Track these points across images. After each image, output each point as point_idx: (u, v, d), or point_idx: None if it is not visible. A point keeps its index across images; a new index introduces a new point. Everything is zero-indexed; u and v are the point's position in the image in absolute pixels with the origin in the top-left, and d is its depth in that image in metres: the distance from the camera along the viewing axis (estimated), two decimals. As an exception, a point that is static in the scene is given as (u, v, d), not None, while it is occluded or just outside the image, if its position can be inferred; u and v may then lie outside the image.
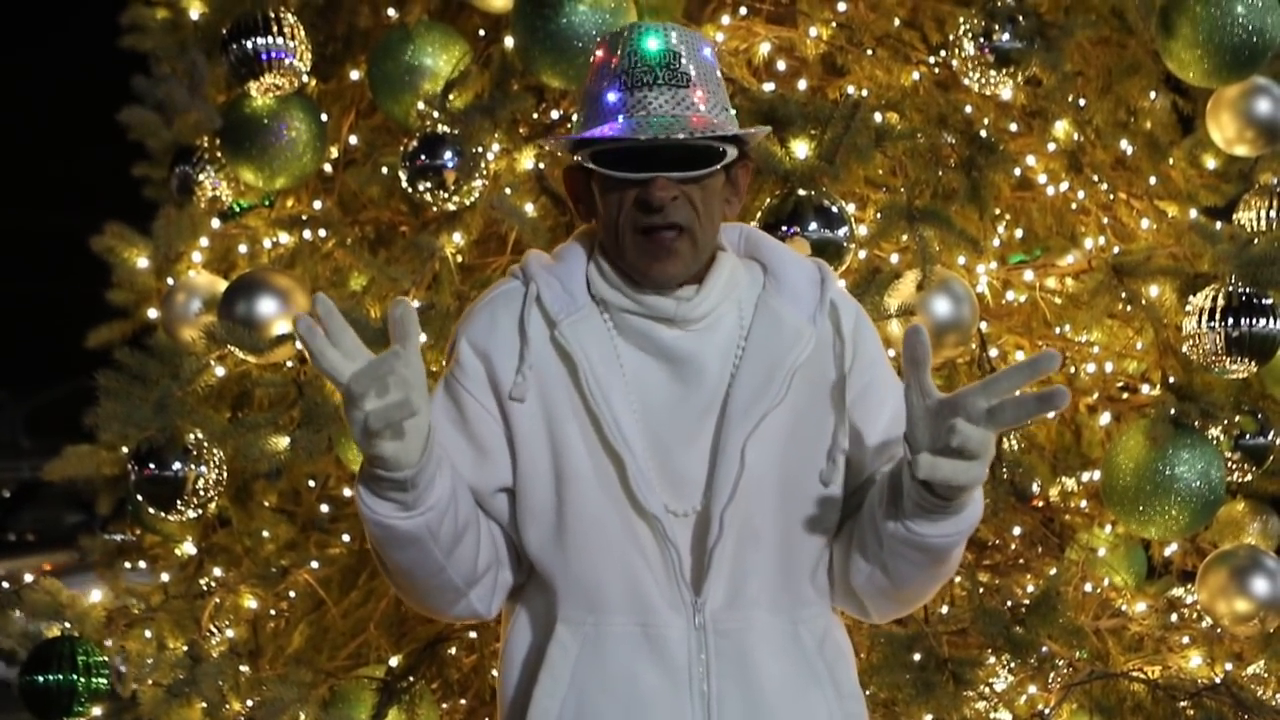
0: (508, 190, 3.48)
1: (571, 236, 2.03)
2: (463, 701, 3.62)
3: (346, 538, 3.80)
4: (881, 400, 1.97)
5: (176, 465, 3.33)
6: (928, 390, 1.75)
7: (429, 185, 3.40)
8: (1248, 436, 3.61)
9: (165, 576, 3.79)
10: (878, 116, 3.39)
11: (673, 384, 1.91)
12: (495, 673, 3.37)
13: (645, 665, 1.88)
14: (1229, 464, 3.56)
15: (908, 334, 1.76)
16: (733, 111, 1.93)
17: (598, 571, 1.89)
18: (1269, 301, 3.34)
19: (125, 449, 3.48)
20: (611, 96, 1.87)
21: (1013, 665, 3.30)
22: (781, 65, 3.73)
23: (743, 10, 3.80)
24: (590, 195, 1.93)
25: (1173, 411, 3.41)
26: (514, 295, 1.96)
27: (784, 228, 3.06)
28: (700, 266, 1.92)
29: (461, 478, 1.90)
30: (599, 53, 1.92)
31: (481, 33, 3.80)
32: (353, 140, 3.97)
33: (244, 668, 3.46)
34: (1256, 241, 3.55)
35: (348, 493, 3.92)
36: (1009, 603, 3.37)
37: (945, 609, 3.37)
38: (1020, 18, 3.54)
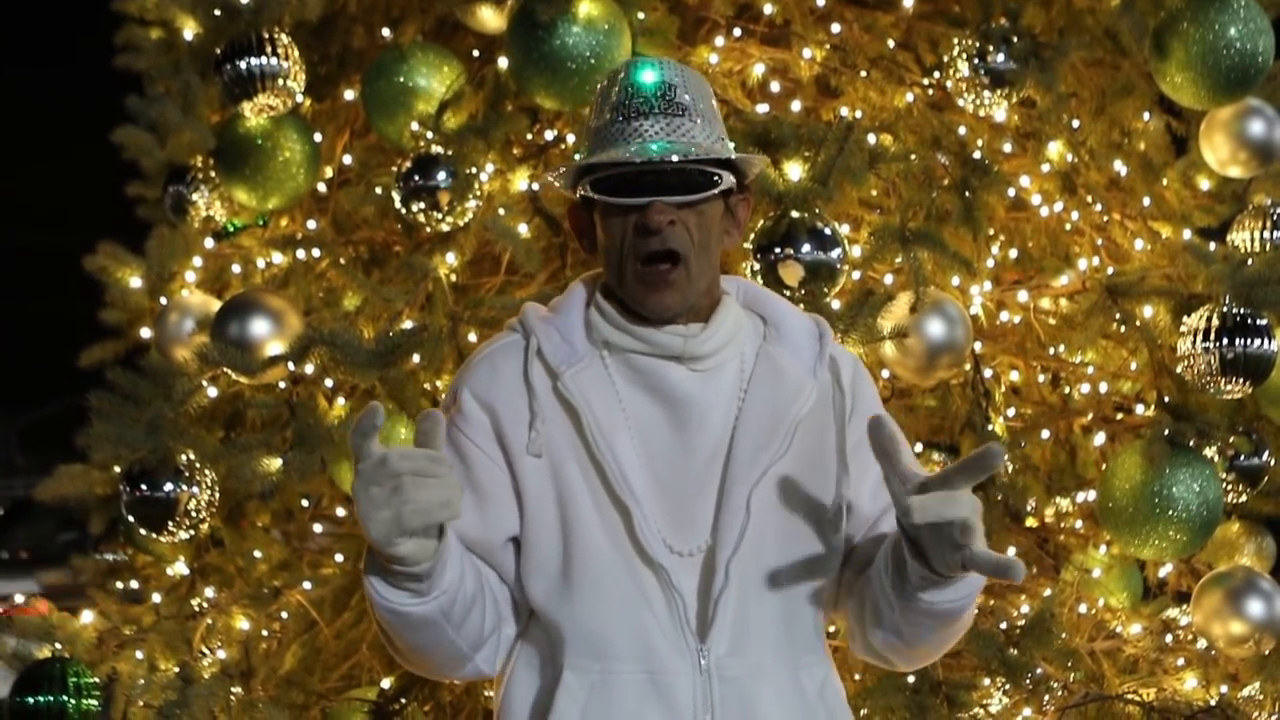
0: (501, 211, 3.48)
1: (570, 285, 2.05)
2: (455, 724, 3.61)
3: (339, 558, 3.79)
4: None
5: (169, 486, 3.31)
6: (906, 476, 1.75)
7: (423, 206, 3.40)
8: (1243, 457, 3.61)
9: (157, 597, 3.78)
10: (871, 138, 3.40)
11: (675, 430, 1.94)
12: (489, 694, 3.36)
13: (653, 712, 1.89)
14: (1224, 485, 3.55)
15: (871, 426, 1.77)
16: (730, 144, 1.97)
17: (604, 620, 1.90)
18: (1263, 322, 3.35)
19: (117, 469, 3.47)
20: (609, 127, 1.92)
21: (1007, 688, 3.29)
22: (775, 87, 3.74)
23: (737, 32, 3.82)
24: (593, 229, 1.97)
25: (1168, 432, 3.41)
26: (513, 348, 1.98)
27: (777, 249, 3.06)
28: (696, 296, 1.94)
29: (465, 544, 1.90)
30: (599, 89, 1.97)
31: (475, 53, 3.80)
32: (347, 160, 3.98)
33: (236, 689, 3.43)
34: (1250, 262, 3.56)
35: (341, 512, 3.91)
36: (1003, 624, 3.36)
37: (940, 631, 3.36)
38: (1014, 39, 3.56)
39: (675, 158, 1.87)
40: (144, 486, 3.32)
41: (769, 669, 1.92)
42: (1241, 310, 3.35)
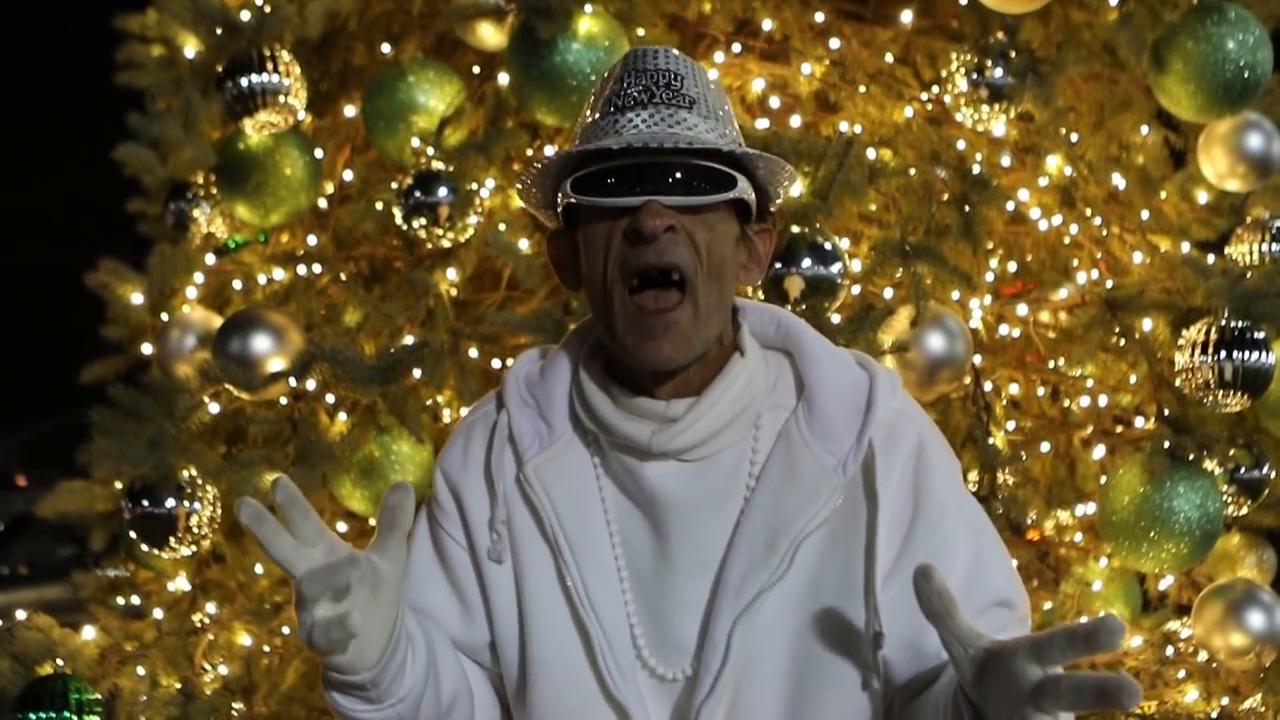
0: (502, 227, 3.49)
1: (563, 340, 1.71)
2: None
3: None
4: (952, 555, 1.57)
5: (170, 502, 3.32)
6: (966, 639, 1.37)
7: (423, 222, 3.41)
8: (1243, 470, 3.61)
9: (158, 613, 3.78)
10: (871, 153, 3.41)
11: (655, 536, 1.59)
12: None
13: None
14: (1224, 497, 3.56)
15: (916, 583, 1.37)
16: (748, 150, 1.59)
17: None
18: (1261, 335, 3.35)
19: (119, 485, 3.47)
20: (599, 121, 1.55)
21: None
22: (775, 102, 3.75)
23: (736, 48, 3.82)
24: (575, 256, 1.59)
25: (1168, 445, 3.42)
26: (489, 421, 1.68)
27: (778, 265, 3.07)
28: (705, 342, 1.55)
29: (447, 642, 1.66)
30: (592, 93, 1.63)
31: (476, 70, 3.82)
32: (347, 176, 3.98)
33: (237, 705, 3.44)
34: (1248, 276, 3.57)
35: (343, 528, 3.91)
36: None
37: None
38: (1012, 54, 3.57)
39: (671, 145, 1.49)
40: (145, 502, 3.33)
41: None
42: (1240, 323, 3.35)
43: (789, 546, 1.53)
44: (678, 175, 1.51)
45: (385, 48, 3.89)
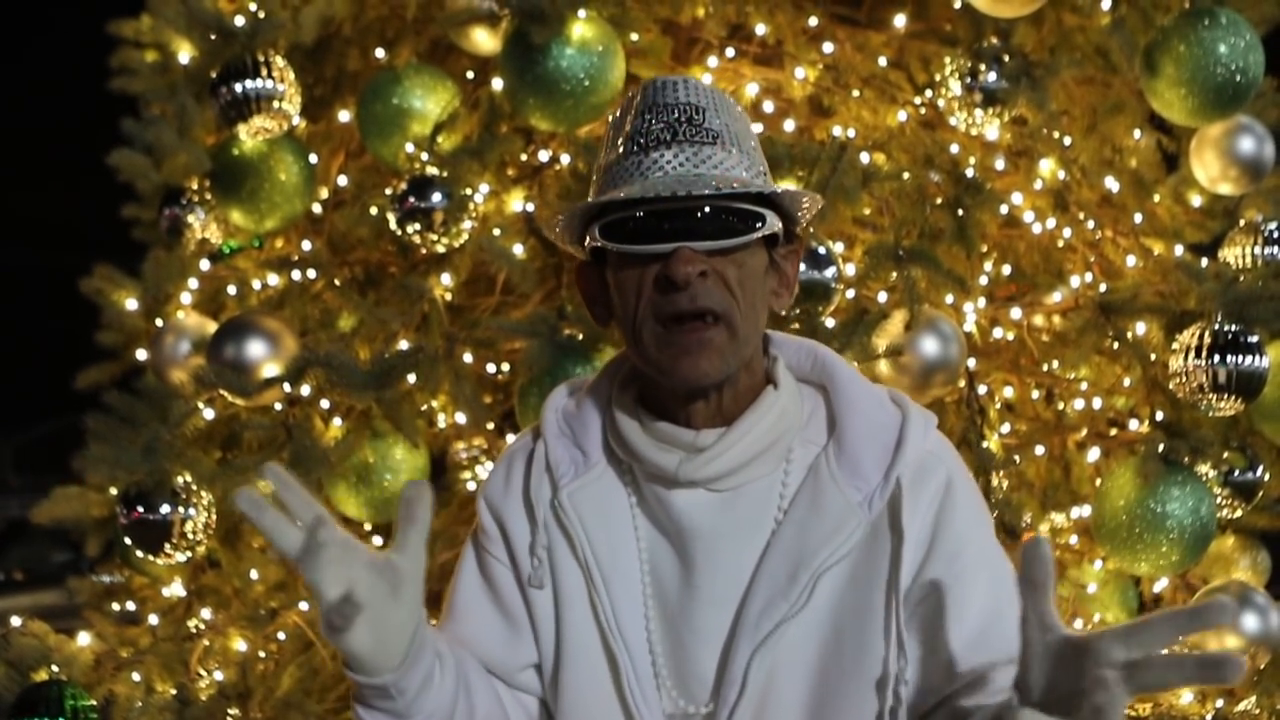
0: (496, 232, 3.49)
1: (598, 373, 1.73)
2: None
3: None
4: (965, 595, 1.55)
5: (165, 508, 3.32)
6: (1048, 623, 1.33)
7: (418, 227, 3.41)
8: (1237, 472, 3.62)
9: (154, 619, 3.78)
10: (865, 157, 3.41)
11: (682, 566, 1.59)
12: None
13: None
14: (1218, 500, 3.56)
15: (1026, 549, 1.33)
16: (776, 187, 1.58)
17: None
18: (1254, 339, 3.36)
19: (114, 491, 3.47)
20: (621, 162, 1.55)
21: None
22: (769, 107, 3.75)
23: (729, 52, 3.83)
24: (605, 291, 1.60)
25: (1162, 448, 3.42)
26: (527, 451, 1.70)
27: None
28: (738, 364, 1.55)
29: (482, 669, 1.67)
30: (611, 119, 1.63)
31: (470, 75, 3.82)
32: (342, 181, 3.98)
33: (233, 711, 3.44)
34: (1242, 279, 3.57)
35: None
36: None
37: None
38: (1006, 58, 3.58)
39: (707, 191, 1.49)
40: (140, 508, 3.32)
41: None
42: (1233, 327, 3.36)
43: (809, 579, 1.53)
44: (707, 213, 1.51)
45: (379, 53, 3.89)
